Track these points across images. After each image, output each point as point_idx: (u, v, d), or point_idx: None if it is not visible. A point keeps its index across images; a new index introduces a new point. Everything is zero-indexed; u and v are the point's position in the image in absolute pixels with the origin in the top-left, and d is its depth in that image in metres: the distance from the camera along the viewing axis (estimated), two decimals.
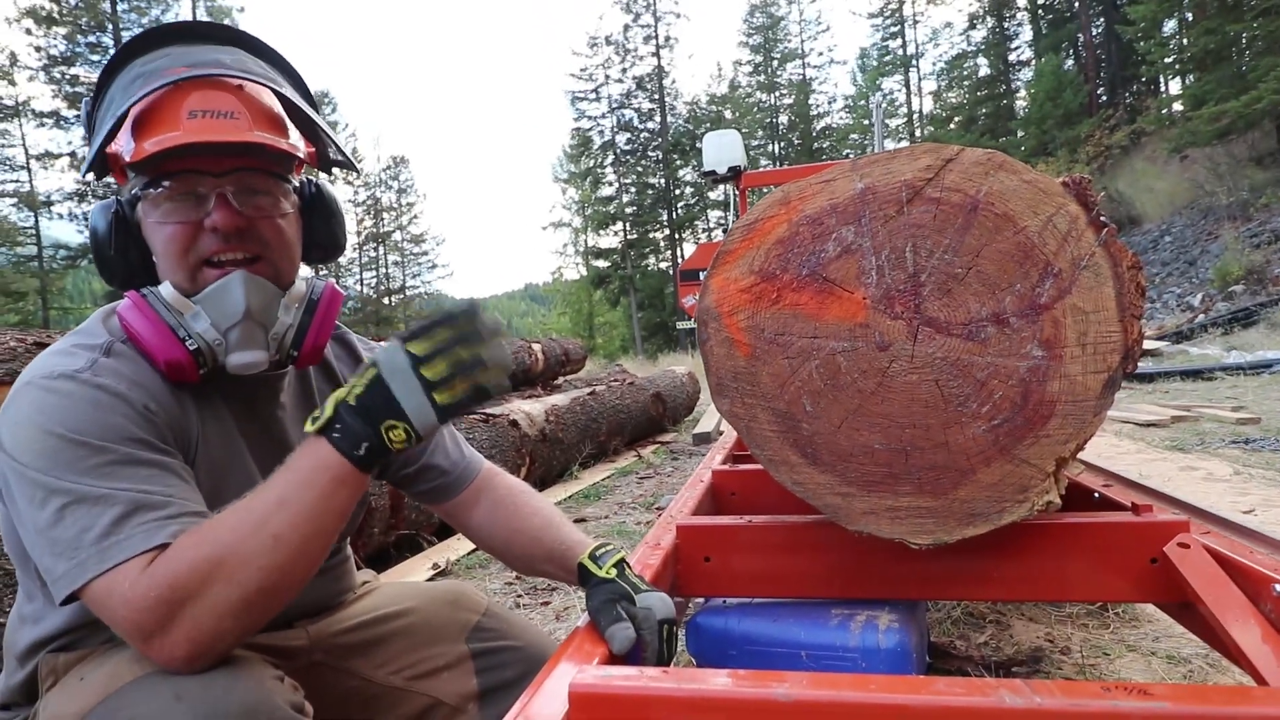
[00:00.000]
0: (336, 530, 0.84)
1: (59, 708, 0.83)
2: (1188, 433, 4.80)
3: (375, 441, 0.81)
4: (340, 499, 0.82)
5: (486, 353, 0.83)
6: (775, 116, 42.84)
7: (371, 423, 0.81)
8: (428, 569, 2.81)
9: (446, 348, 0.82)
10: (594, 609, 0.93)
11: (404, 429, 0.81)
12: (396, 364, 0.82)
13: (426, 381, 0.81)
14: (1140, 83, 30.56)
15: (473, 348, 0.82)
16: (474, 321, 0.83)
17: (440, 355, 0.81)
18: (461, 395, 0.82)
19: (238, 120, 0.89)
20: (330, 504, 0.81)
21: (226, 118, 0.88)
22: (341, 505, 0.82)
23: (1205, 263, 16.34)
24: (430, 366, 0.81)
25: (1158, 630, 1.83)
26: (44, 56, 25.57)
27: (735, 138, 6.90)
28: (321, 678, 1.03)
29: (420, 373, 0.81)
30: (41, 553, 0.79)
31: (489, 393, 0.84)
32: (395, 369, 0.82)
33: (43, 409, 0.81)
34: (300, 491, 0.80)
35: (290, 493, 0.80)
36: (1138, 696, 0.61)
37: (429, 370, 0.81)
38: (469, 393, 0.82)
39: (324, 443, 0.82)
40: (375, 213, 40.41)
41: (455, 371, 0.81)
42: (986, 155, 1.06)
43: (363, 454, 0.81)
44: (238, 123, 0.89)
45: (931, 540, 1.07)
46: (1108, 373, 1.02)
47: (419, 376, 0.81)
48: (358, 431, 0.81)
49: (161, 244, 0.91)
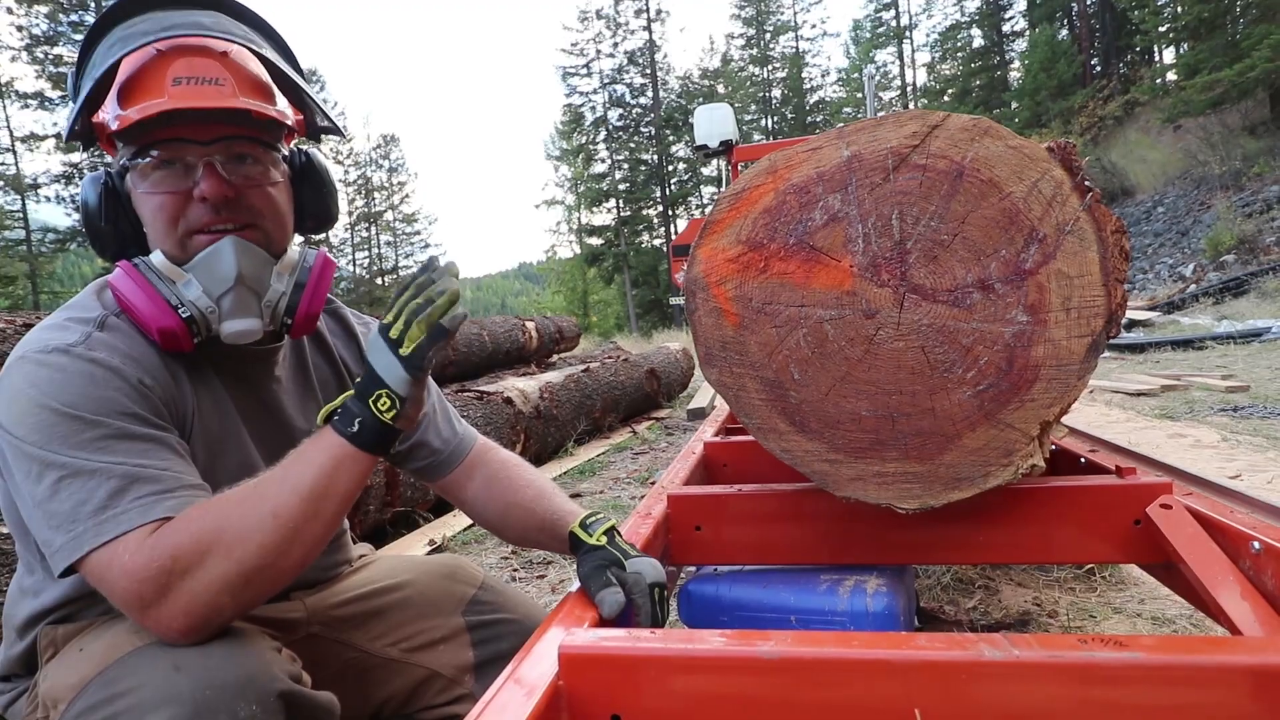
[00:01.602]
0: (339, 514, 0.85)
1: (58, 678, 0.84)
2: (1177, 401, 4.84)
3: (367, 416, 0.84)
4: (341, 481, 0.84)
5: (435, 289, 0.86)
6: (768, 90, 42.46)
7: (363, 399, 0.85)
8: (424, 545, 2.83)
9: (403, 305, 0.86)
10: (584, 575, 0.95)
11: (386, 395, 0.85)
12: (374, 340, 0.87)
13: (392, 341, 0.85)
14: (1134, 52, 30.34)
15: (426, 293, 0.86)
16: (426, 271, 0.87)
17: (400, 314, 0.86)
18: (420, 340, 0.85)
19: (223, 87, 0.88)
20: (330, 485, 0.83)
21: (212, 84, 0.88)
22: (342, 488, 0.84)
23: (1198, 233, 16.35)
24: (394, 328, 0.85)
25: (1143, 593, 1.87)
26: (26, 36, 25.11)
27: (727, 111, 6.86)
28: (319, 649, 1.04)
29: (388, 336, 0.85)
30: (39, 526, 0.80)
31: (444, 329, 0.86)
32: (373, 344, 0.87)
33: (37, 383, 0.81)
34: (301, 471, 0.83)
35: (292, 473, 0.83)
36: (1113, 648, 0.62)
37: (393, 331, 0.85)
38: (426, 335, 0.85)
39: (327, 427, 0.87)
40: (366, 192, 40.06)
41: (409, 320, 0.85)
42: (972, 121, 1.06)
43: (357, 430, 0.84)
44: (223, 89, 0.88)
45: (918, 505, 1.09)
46: (1091, 337, 1.02)
47: (386, 340, 0.85)
48: (353, 411, 0.85)
49: (151, 214, 0.91)
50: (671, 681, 0.67)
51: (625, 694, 0.68)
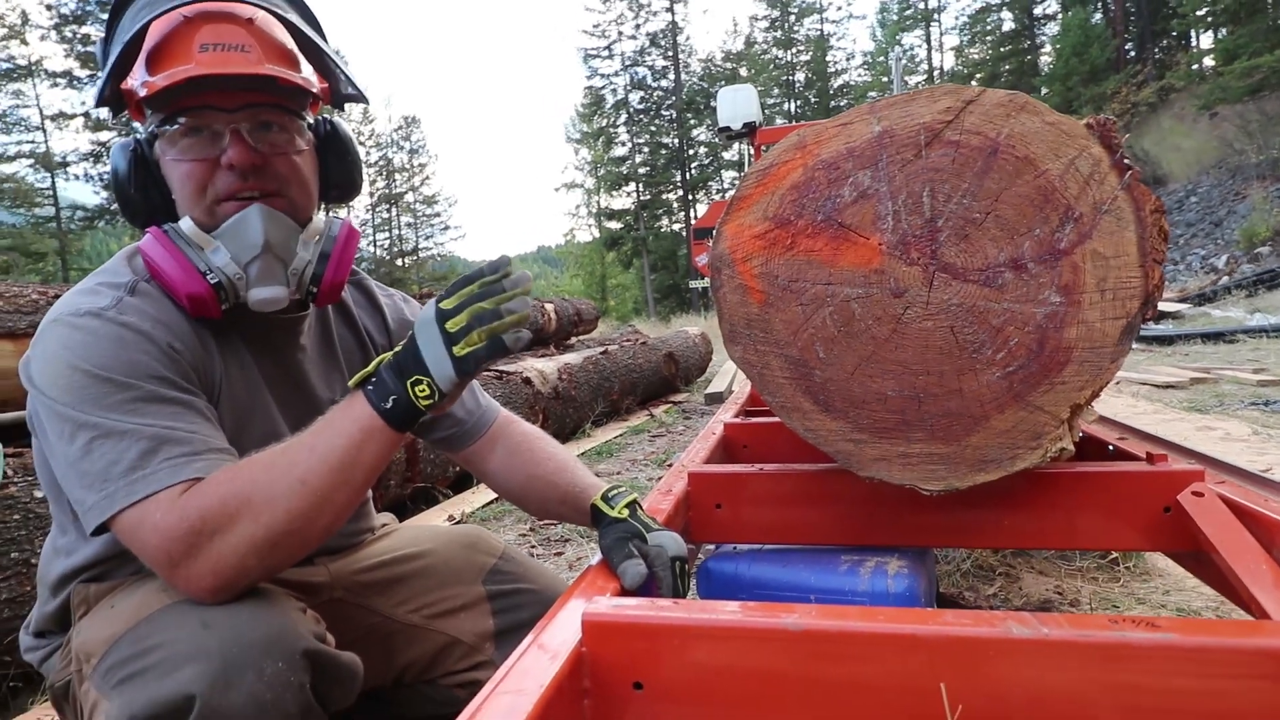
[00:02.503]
0: (365, 485, 0.85)
1: (91, 634, 0.86)
2: (1206, 394, 4.75)
3: (402, 396, 0.83)
4: (369, 452, 0.83)
5: (507, 304, 0.84)
6: (792, 74, 41.92)
7: (401, 377, 0.84)
8: (443, 521, 2.86)
9: (470, 301, 0.83)
10: (606, 547, 0.95)
11: (427, 384, 0.83)
12: (426, 318, 0.84)
13: (448, 334, 0.83)
14: (1170, 37, 29.58)
15: (495, 300, 0.83)
16: (500, 275, 0.85)
17: (464, 309, 0.83)
18: (478, 347, 0.82)
19: (249, 54, 0.89)
20: (359, 455, 0.83)
21: (238, 50, 0.88)
22: (370, 459, 0.84)
23: (1232, 223, 15.99)
24: (454, 320, 0.83)
25: (1168, 584, 1.84)
26: (55, 15, 25.41)
27: (750, 93, 6.79)
28: (342, 613, 1.06)
29: (444, 327, 0.83)
30: (72, 484, 0.81)
31: (505, 346, 0.84)
32: (424, 324, 0.84)
33: (69, 345, 0.83)
34: (331, 439, 0.83)
35: (321, 441, 0.83)
36: (1145, 628, 0.61)
37: (452, 324, 0.83)
38: (486, 345, 0.83)
39: (359, 395, 0.85)
40: (387, 174, 40.19)
41: (473, 324, 0.82)
42: (1008, 97, 1.04)
43: (390, 407, 0.83)
44: (249, 56, 0.89)
45: (943, 486, 1.07)
46: (1126, 319, 1.00)
47: (442, 330, 0.83)
48: (388, 386, 0.84)
49: (179, 181, 0.92)
50: (694, 651, 0.67)
51: (647, 662, 0.68)
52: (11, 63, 25.19)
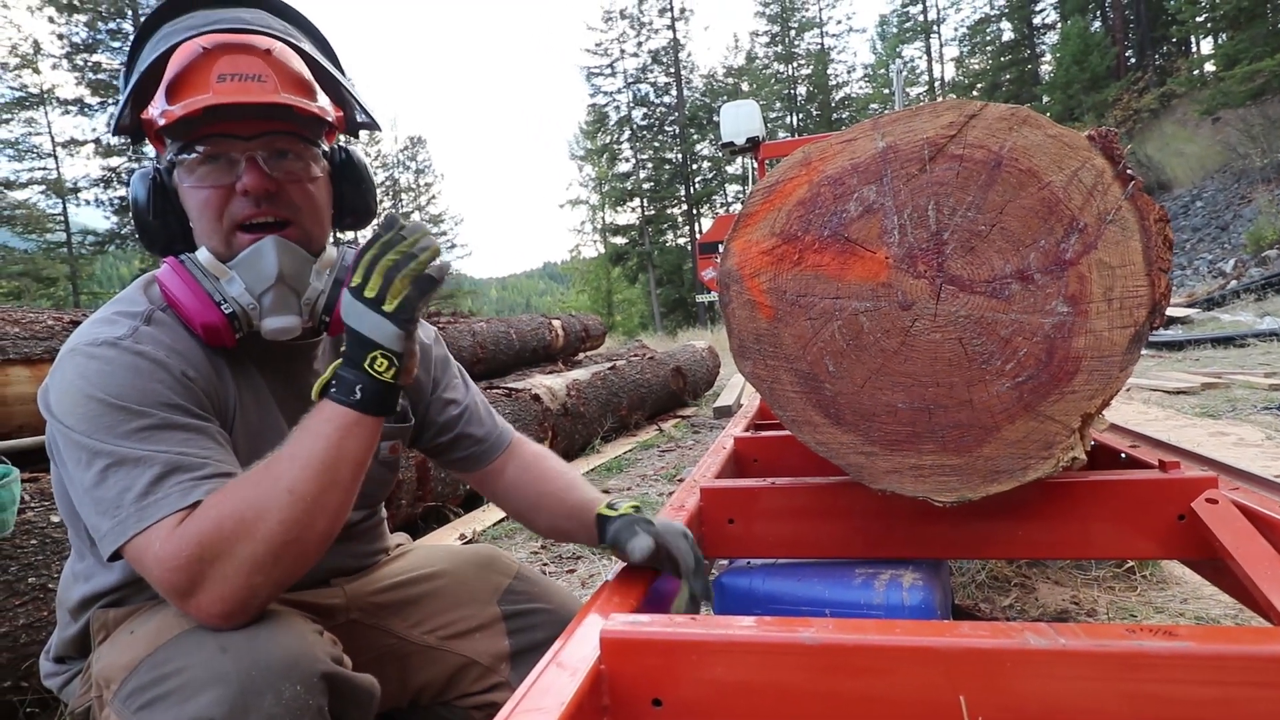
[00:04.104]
0: (354, 480, 0.86)
1: (110, 660, 0.87)
2: (1218, 400, 4.72)
3: (366, 380, 0.85)
4: (351, 446, 0.85)
5: (415, 247, 0.87)
6: (793, 88, 42.15)
7: (356, 365, 0.86)
8: (455, 539, 2.86)
9: (373, 264, 0.86)
10: (613, 535, 0.97)
11: (380, 354, 0.85)
12: (346, 303, 0.87)
13: (370, 300, 0.85)
14: (1170, 43, 29.65)
15: (399, 249, 0.86)
16: (394, 230, 0.88)
17: (371, 272, 0.86)
18: (407, 293, 0.86)
19: (265, 83, 0.91)
20: (341, 453, 0.84)
21: (255, 80, 0.90)
22: (354, 453, 0.85)
23: (1238, 227, 15.93)
24: (369, 287, 0.86)
25: (1185, 592, 1.83)
26: (66, 44, 25.80)
27: (753, 108, 6.83)
28: (358, 636, 1.06)
29: (363, 296, 0.86)
30: (88, 511, 0.82)
31: (433, 279, 0.87)
32: (348, 308, 0.87)
33: (86, 374, 0.84)
34: (310, 444, 0.83)
35: (301, 449, 0.83)
36: (1162, 637, 0.61)
37: (369, 290, 0.86)
38: (412, 288, 0.86)
39: (325, 400, 0.87)
40: (393, 194, 40.49)
41: (390, 276, 0.85)
42: (1010, 110, 1.05)
43: (360, 397, 0.85)
44: (265, 85, 0.91)
45: (956, 498, 1.08)
46: (1134, 327, 1.01)
47: (363, 300, 0.86)
48: (349, 379, 0.86)
49: (196, 209, 0.94)
50: (712, 667, 0.68)
51: (666, 679, 0.68)
52: (24, 91, 25.57)
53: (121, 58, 9.78)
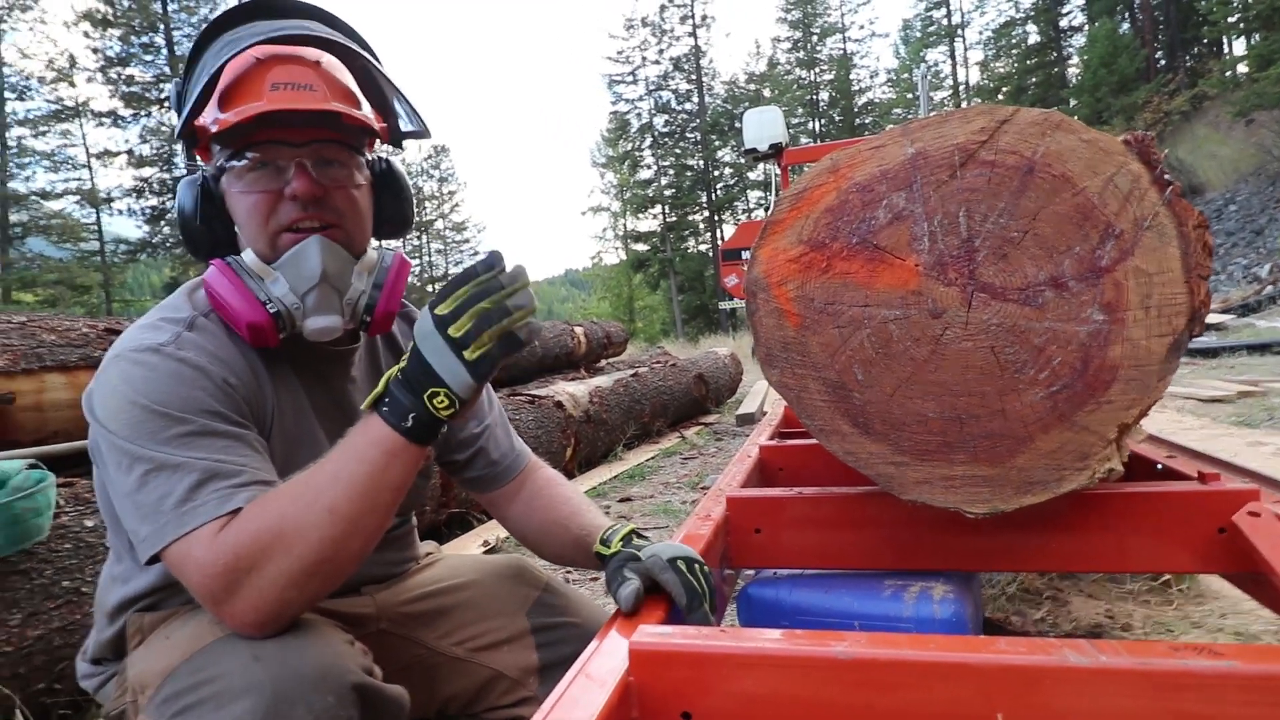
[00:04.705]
0: (393, 504, 0.86)
1: (146, 665, 0.88)
2: (1255, 408, 4.61)
3: (421, 411, 0.83)
4: (394, 473, 0.84)
5: (510, 301, 0.83)
6: (816, 93, 42.01)
7: (416, 393, 0.83)
8: (478, 546, 2.87)
9: (469, 303, 0.82)
10: (607, 583, 0.95)
11: (445, 394, 0.83)
12: (425, 329, 0.84)
13: (454, 340, 0.82)
14: (1201, 44, 29.13)
15: (495, 298, 0.83)
16: (494, 272, 0.84)
17: (464, 312, 0.82)
18: (490, 347, 0.82)
19: (316, 92, 0.93)
20: (384, 478, 0.83)
21: (306, 89, 0.92)
22: (396, 479, 0.84)
23: (1273, 231, 15.58)
24: (456, 325, 0.82)
25: (1224, 606, 1.78)
26: (101, 58, 26.47)
27: (776, 114, 6.82)
28: (387, 645, 1.07)
29: (447, 333, 0.82)
30: (128, 516, 0.84)
31: (519, 340, 0.84)
32: (425, 334, 0.84)
33: (129, 380, 0.86)
34: (354, 466, 0.83)
35: (344, 468, 0.83)
36: (1207, 656, 0.59)
37: (455, 329, 0.82)
38: (498, 344, 0.83)
39: (375, 418, 0.85)
40: (418, 202, 40.90)
41: (480, 324, 0.82)
42: (1043, 115, 1.03)
43: (410, 425, 0.83)
44: (316, 94, 0.93)
45: (988, 509, 1.06)
46: (1173, 336, 0.99)
47: (446, 337, 0.82)
48: (404, 404, 0.83)
49: (244, 213, 0.95)
50: (742, 680, 0.67)
51: (696, 692, 0.68)
52: (60, 104, 26.26)
53: (154, 71, 9.99)
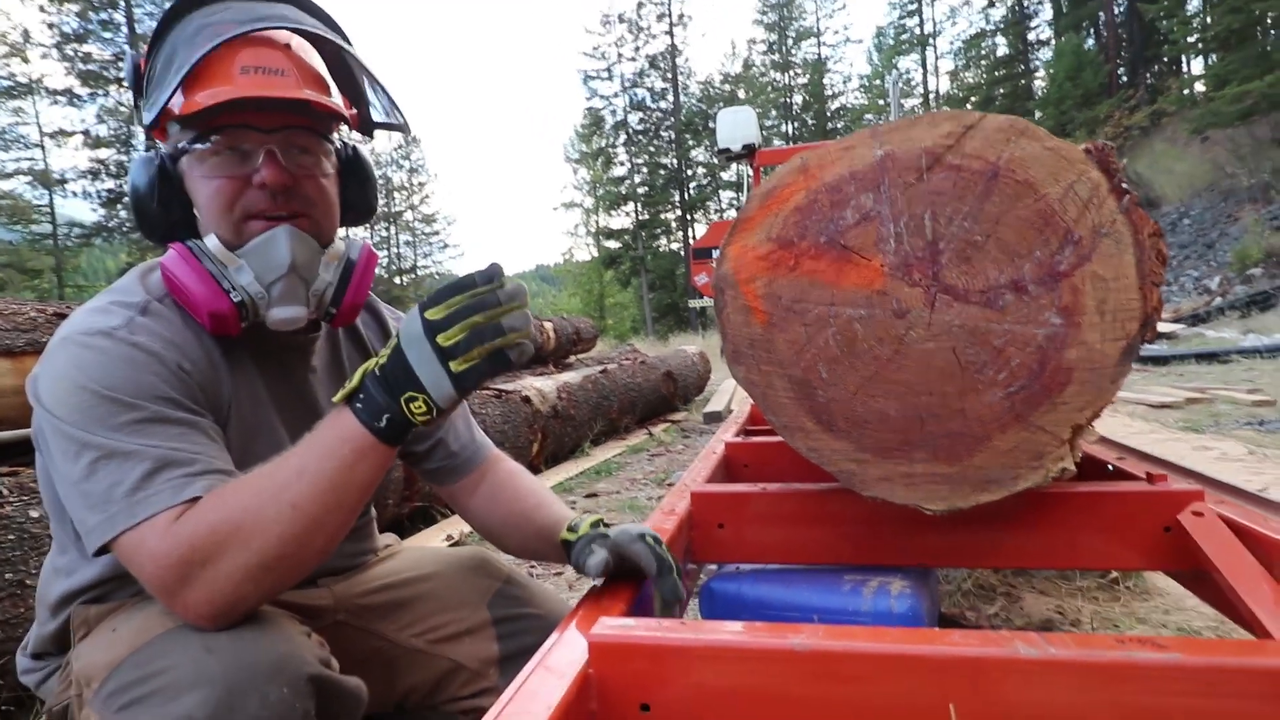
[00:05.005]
0: (359, 503, 0.84)
1: (91, 658, 0.85)
2: (1202, 414, 4.76)
3: (396, 413, 0.81)
4: (361, 471, 0.81)
5: (506, 319, 0.80)
6: (789, 96, 42.35)
7: (393, 394, 0.80)
8: (442, 539, 2.84)
9: (463, 314, 0.79)
10: (575, 559, 0.96)
11: (424, 400, 0.80)
12: (413, 332, 0.80)
13: (441, 349, 0.79)
14: (1162, 63, 30.01)
15: (491, 313, 0.79)
16: (493, 286, 0.81)
17: (456, 322, 0.79)
18: (479, 363, 0.79)
19: (287, 78, 0.90)
20: (351, 476, 0.81)
21: (278, 74, 0.89)
22: (363, 478, 0.82)
23: (1224, 245, 16.13)
24: (446, 334, 0.79)
25: (1168, 603, 1.84)
26: (56, 34, 25.59)
27: (750, 114, 6.86)
28: (345, 637, 1.05)
29: (436, 340, 0.79)
30: (75, 505, 0.81)
31: (509, 361, 0.81)
32: (411, 337, 0.80)
33: (79, 364, 0.83)
34: (321, 462, 0.80)
35: (311, 462, 0.80)
36: (1151, 648, 0.61)
37: (444, 338, 0.79)
38: (487, 360, 0.80)
39: (347, 413, 0.82)
40: (386, 192, 40.37)
41: (472, 338, 0.79)
42: (1009, 122, 1.06)
43: (383, 426, 0.81)
44: (288, 80, 0.90)
45: (946, 506, 1.08)
46: (1126, 340, 1.01)
47: (434, 345, 0.79)
48: (379, 403, 0.81)
49: (207, 198, 0.92)
50: (701, 672, 0.67)
51: (654, 684, 0.68)
52: (12, 80, 25.34)
53: (113, 49, 9.68)
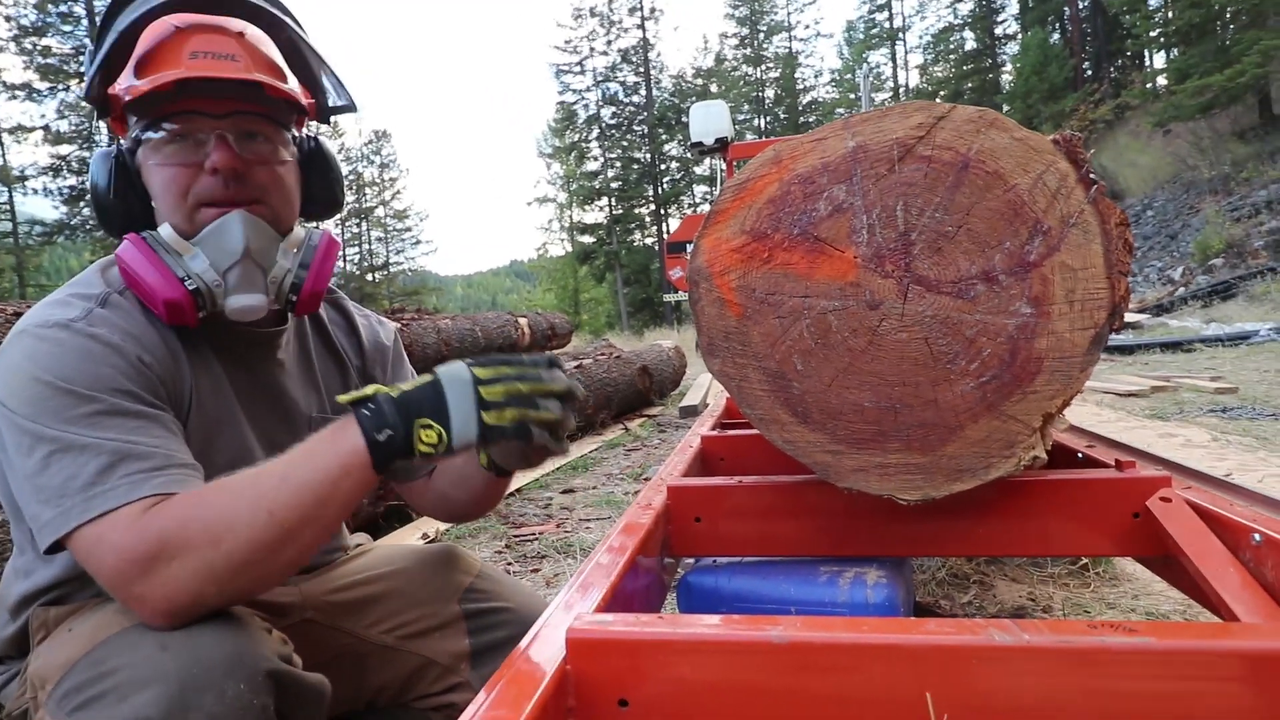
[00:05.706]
0: (335, 520, 0.82)
1: (47, 659, 0.83)
2: (1167, 402, 4.88)
3: (400, 433, 0.79)
4: (345, 488, 0.80)
5: (545, 400, 0.83)
6: (761, 90, 42.52)
7: (406, 416, 0.80)
8: (417, 538, 2.82)
9: (508, 379, 0.82)
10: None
11: (438, 432, 0.80)
12: (459, 375, 0.82)
13: (482, 399, 0.81)
14: (1125, 57, 30.60)
15: (533, 386, 0.82)
16: (542, 368, 0.84)
17: (500, 382, 0.82)
18: (508, 423, 0.81)
19: (238, 62, 0.89)
20: (334, 492, 0.79)
21: (228, 59, 0.88)
22: (347, 495, 0.80)
23: (1186, 237, 16.50)
24: (489, 389, 0.81)
25: (1136, 589, 1.88)
26: (14, 27, 24.85)
27: (722, 108, 6.87)
28: (313, 635, 1.03)
29: (479, 390, 0.81)
30: (29, 500, 0.79)
31: (531, 435, 0.82)
32: (456, 379, 0.82)
33: (34, 356, 0.81)
34: (306, 473, 0.79)
35: (295, 471, 0.79)
36: (1123, 633, 0.62)
37: (486, 391, 0.81)
38: (516, 424, 0.81)
39: (351, 421, 0.81)
40: (357, 188, 39.84)
41: (509, 402, 0.81)
42: (978, 113, 1.06)
43: (382, 440, 0.79)
44: (238, 64, 0.89)
45: (920, 496, 1.09)
46: (1095, 329, 1.03)
47: (477, 392, 0.81)
48: (387, 418, 0.80)
49: (161, 186, 0.90)
50: (679, 666, 0.67)
51: (633, 679, 0.67)
52: None
53: (73, 42, 9.53)
